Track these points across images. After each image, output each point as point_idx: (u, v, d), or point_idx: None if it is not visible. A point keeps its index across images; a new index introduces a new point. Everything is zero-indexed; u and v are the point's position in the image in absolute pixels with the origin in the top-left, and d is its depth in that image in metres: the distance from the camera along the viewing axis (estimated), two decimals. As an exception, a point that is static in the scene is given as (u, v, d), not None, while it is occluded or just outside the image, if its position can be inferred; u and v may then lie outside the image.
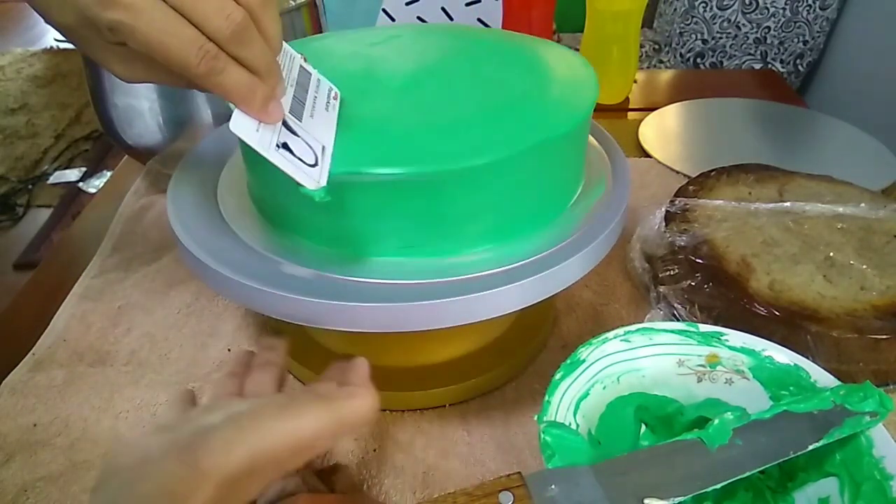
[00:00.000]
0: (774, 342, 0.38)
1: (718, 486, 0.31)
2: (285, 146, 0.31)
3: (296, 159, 0.31)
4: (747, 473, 0.32)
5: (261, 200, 0.40)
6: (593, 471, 0.30)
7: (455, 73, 0.42)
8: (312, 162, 0.31)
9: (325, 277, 0.35)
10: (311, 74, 0.36)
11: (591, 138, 0.47)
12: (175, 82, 0.31)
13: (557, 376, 0.36)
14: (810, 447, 0.33)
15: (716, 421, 0.33)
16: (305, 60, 0.36)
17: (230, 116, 0.30)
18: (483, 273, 0.35)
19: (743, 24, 1.29)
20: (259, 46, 0.30)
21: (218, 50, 0.28)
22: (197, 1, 0.27)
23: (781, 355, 0.37)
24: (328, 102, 0.35)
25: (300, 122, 0.32)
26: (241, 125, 0.30)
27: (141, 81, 0.32)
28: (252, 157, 0.38)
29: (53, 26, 0.30)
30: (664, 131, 0.80)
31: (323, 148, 0.32)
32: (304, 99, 0.34)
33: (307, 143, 0.32)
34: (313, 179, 0.30)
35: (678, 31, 1.35)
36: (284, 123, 0.32)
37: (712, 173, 0.59)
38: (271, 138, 0.31)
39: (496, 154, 0.34)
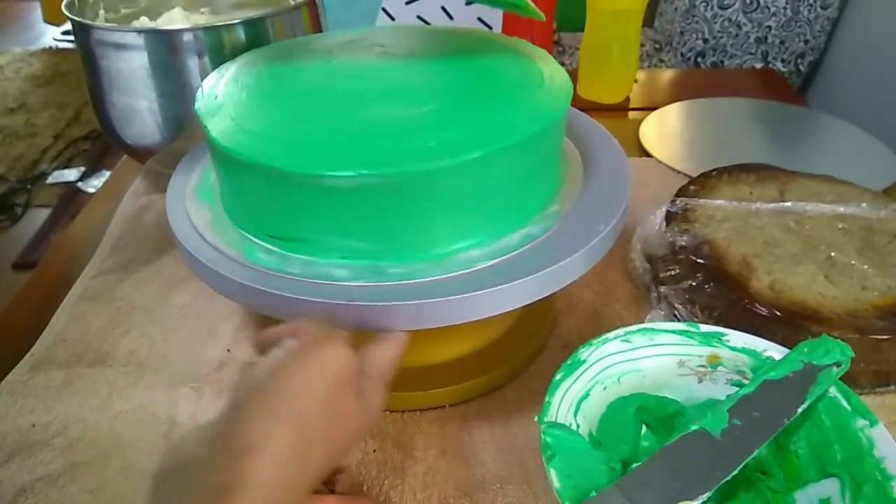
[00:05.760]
0: (776, 343, 0.38)
1: (736, 470, 0.31)
2: None
3: None
4: (756, 452, 0.32)
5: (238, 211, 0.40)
6: (619, 489, 0.31)
7: (429, 73, 0.42)
8: None
9: (324, 275, 0.35)
10: None
11: (589, 137, 0.46)
12: None
13: (558, 377, 0.36)
14: (799, 410, 0.34)
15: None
16: None
17: None
18: (481, 270, 0.35)
19: (744, 24, 1.29)
20: None
21: None
22: None
23: (782, 356, 0.37)
24: None
25: None
26: None
27: None
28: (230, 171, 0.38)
29: None
30: (665, 131, 0.80)
31: None
32: None
33: None
34: None
35: (679, 30, 1.34)
36: None
37: (713, 173, 0.59)
38: None
39: (468, 153, 0.34)
